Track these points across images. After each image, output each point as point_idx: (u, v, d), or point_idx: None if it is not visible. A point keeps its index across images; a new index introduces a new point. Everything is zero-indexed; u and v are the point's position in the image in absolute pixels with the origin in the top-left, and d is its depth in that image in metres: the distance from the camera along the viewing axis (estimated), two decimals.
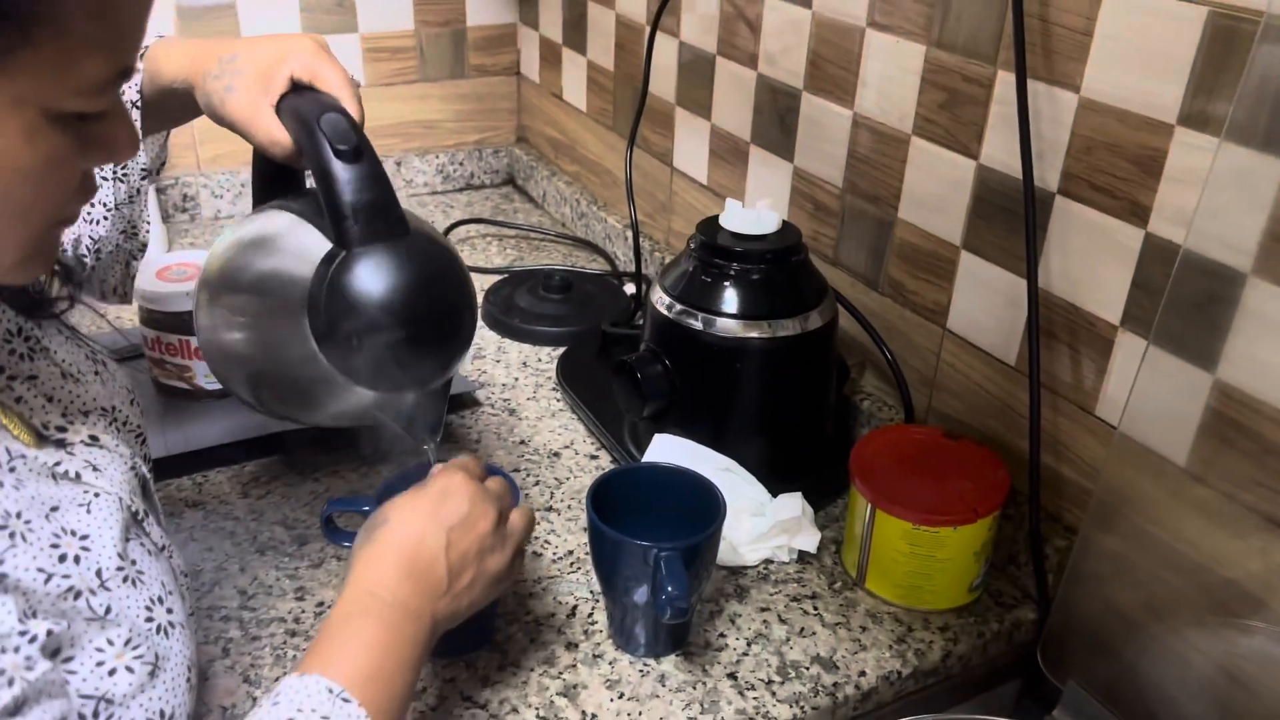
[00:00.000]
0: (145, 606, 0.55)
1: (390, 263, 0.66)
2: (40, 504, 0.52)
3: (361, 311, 0.65)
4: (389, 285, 0.66)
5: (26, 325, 0.62)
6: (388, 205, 0.67)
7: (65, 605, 0.50)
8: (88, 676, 0.50)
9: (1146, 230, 0.71)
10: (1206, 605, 0.72)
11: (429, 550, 0.62)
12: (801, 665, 0.76)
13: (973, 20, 0.81)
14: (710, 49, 1.13)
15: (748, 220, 0.87)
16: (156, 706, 0.53)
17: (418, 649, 0.60)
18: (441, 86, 1.56)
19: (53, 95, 0.46)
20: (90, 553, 0.53)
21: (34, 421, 0.57)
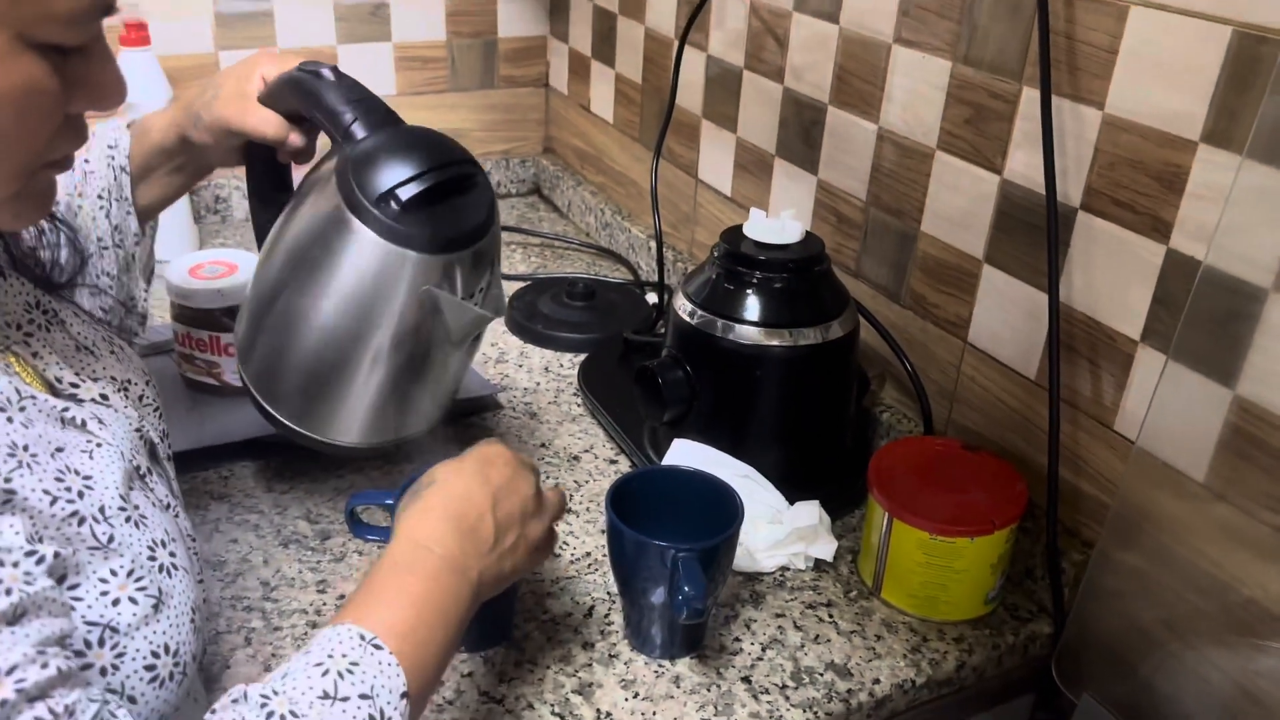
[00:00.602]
0: (148, 546, 0.56)
1: (396, 135, 0.74)
2: (47, 443, 0.53)
3: (389, 173, 0.71)
4: (404, 148, 0.73)
5: (45, 299, 0.64)
6: (376, 101, 0.75)
7: (70, 531, 0.51)
8: (93, 604, 0.51)
9: (1168, 246, 0.72)
10: (1225, 623, 0.72)
11: (476, 507, 0.64)
12: (816, 671, 0.76)
13: (999, 37, 0.82)
14: (738, 63, 1.15)
15: (771, 230, 0.88)
16: (161, 640, 0.54)
17: (460, 604, 0.60)
18: (471, 96, 1.58)
19: (27, 20, 0.46)
20: (93, 492, 0.54)
21: (47, 375, 0.59)
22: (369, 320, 0.74)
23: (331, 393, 0.77)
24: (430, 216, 0.72)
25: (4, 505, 0.48)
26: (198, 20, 1.37)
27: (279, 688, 0.51)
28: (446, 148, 0.75)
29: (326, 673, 0.52)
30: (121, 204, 0.81)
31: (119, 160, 0.81)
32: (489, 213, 0.76)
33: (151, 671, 0.53)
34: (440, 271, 0.73)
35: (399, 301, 0.73)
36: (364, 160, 0.72)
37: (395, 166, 0.71)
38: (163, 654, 0.54)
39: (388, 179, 0.71)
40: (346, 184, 0.71)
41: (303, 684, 0.51)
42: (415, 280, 0.72)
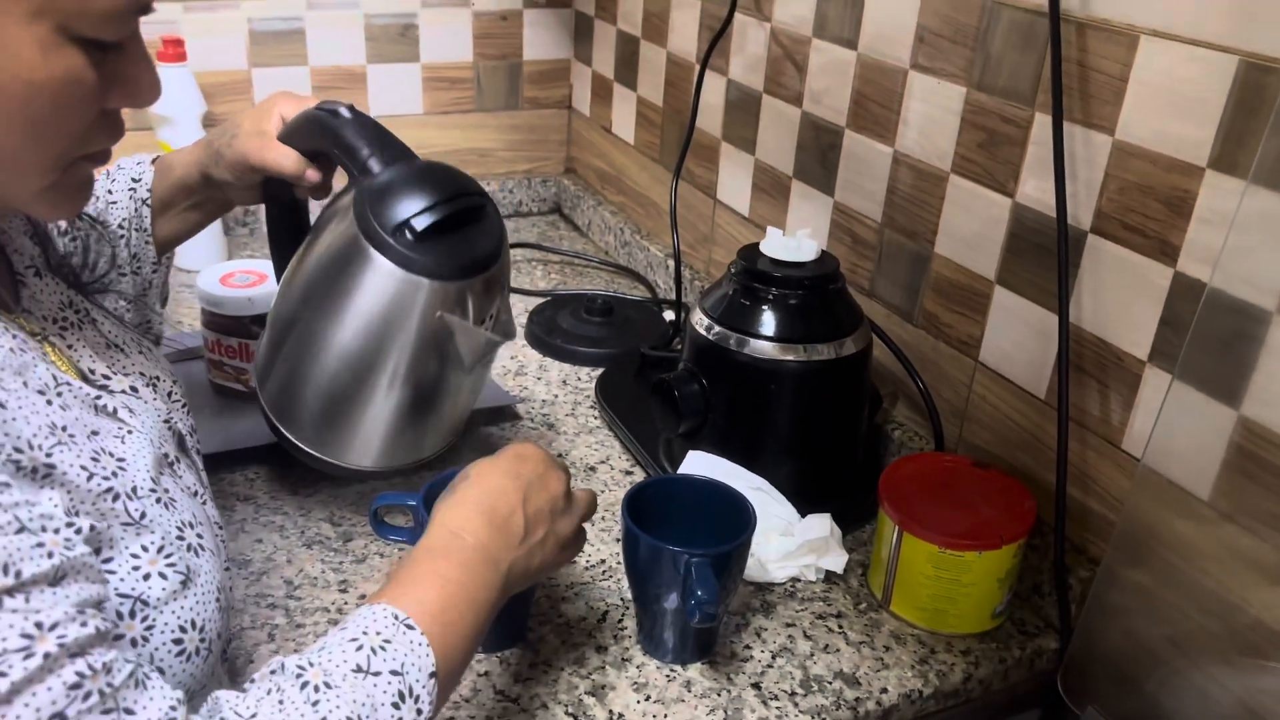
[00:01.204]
0: (177, 526, 0.58)
1: (411, 169, 0.77)
2: (83, 425, 0.55)
3: (404, 204, 0.74)
4: (418, 181, 0.76)
5: (77, 299, 0.67)
6: (392, 138, 0.78)
7: (105, 506, 0.53)
8: (125, 577, 0.53)
9: (1176, 269, 0.74)
10: (1231, 642, 0.73)
11: (508, 501, 0.66)
12: (824, 679, 0.78)
13: (1012, 64, 0.84)
14: (757, 87, 1.17)
15: (788, 248, 0.90)
16: (188, 616, 0.56)
17: (491, 593, 0.62)
18: (496, 117, 1.62)
19: (68, 13, 0.49)
20: (126, 473, 0.56)
21: (81, 365, 0.62)
22: (384, 346, 0.77)
23: (347, 417, 0.80)
24: (443, 246, 0.75)
25: (45, 479, 0.50)
26: (232, 38, 1.41)
27: (314, 659, 0.54)
28: (458, 180, 0.78)
29: (360, 648, 0.54)
30: (141, 234, 0.85)
31: (140, 193, 0.85)
32: (498, 242, 0.79)
33: (179, 645, 0.55)
34: (453, 298, 0.76)
35: (413, 327, 0.76)
36: (380, 193, 0.75)
37: (409, 199, 0.74)
38: (190, 629, 0.56)
39: (402, 211, 0.74)
40: (363, 215, 0.74)
41: (337, 657, 0.54)
42: (429, 307, 0.75)
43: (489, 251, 0.78)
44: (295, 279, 0.81)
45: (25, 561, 0.45)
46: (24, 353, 0.55)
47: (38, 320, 0.62)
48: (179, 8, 1.37)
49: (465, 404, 0.87)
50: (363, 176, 0.76)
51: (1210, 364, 0.71)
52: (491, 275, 0.78)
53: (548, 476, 0.70)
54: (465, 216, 0.77)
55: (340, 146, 0.77)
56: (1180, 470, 0.74)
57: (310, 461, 0.84)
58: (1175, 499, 0.74)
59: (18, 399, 0.51)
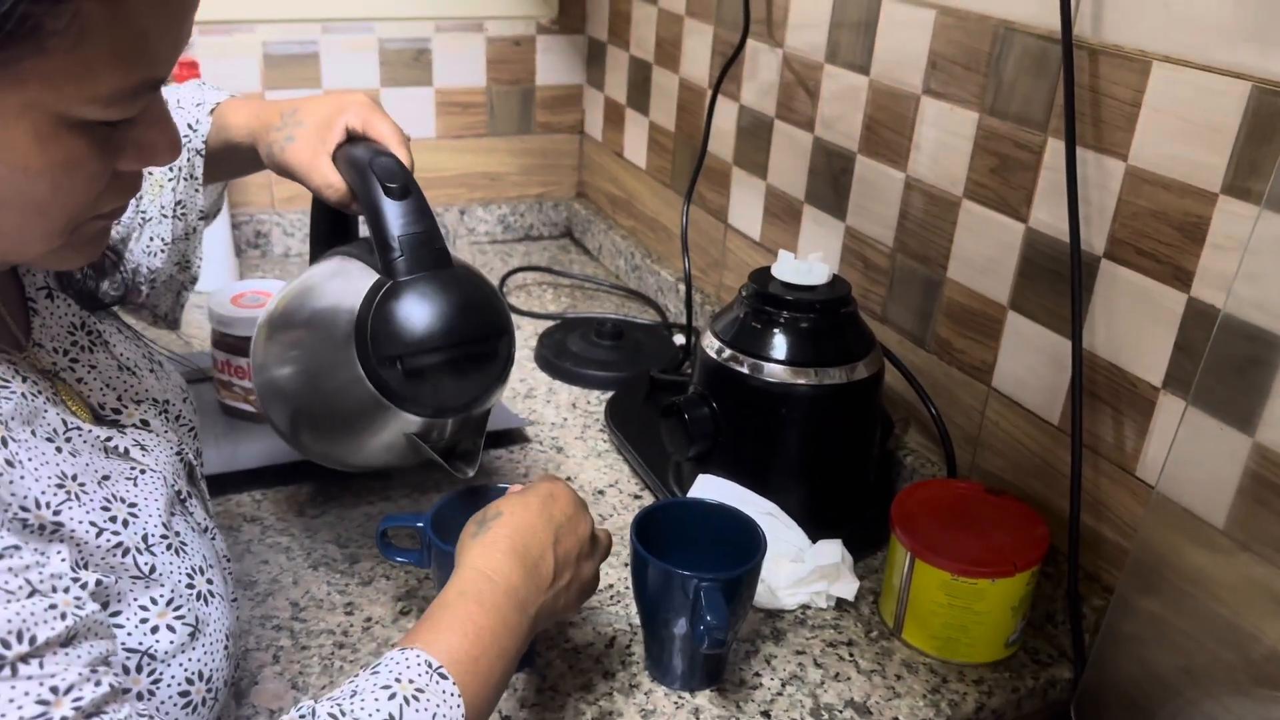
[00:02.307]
0: (187, 574, 0.57)
1: (433, 290, 0.71)
2: (94, 471, 0.55)
3: (406, 335, 0.70)
4: (432, 311, 0.70)
5: (89, 319, 0.66)
6: (431, 239, 0.72)
7: (114, 561, 0.53)
8: (133, 631, 0.53)
9: (1189, 295, 0.73)
10: (1246, 672, 0.72)
11: (539, 543, 0.66)
12: (835, 708, 0.77)
13: (1025, 90, 0.84)
14: (769, 112, 1.18)
15: (799, 271, 0.90)
16: (195, 667, 0.56)
17: (518, 639, 0.62)
18: (508, 141, 1.62)
19: (66, 103, 0.45)
20: (137, 520, 0.56)
21: (91, 401, 0.61)
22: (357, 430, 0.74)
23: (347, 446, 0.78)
24: (429, 383, 0.71)
25: (52, 535, 0.50)
26: (246, 60, 1.43)
27: (347, 707, 0.53)
28: (475, 319, 0.73)
29: (394, 696, 0.53)
30: (191, 182, 0.81)
31: (195, 143, 0.80)
32: (490, 385, 0.76)
33: (185, 698, 0.55)
34: (424, 427, 0.74)
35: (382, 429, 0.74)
36: (387, 317, 0.70)
37: (413, 331, 0.70)
38: (197, 680, 0.56)
39: (402, 341, 0.70)
40: (363, 331, 0.70)
41: (370, 705, 0.53)
42: (397, 427, 0.73)
43: (475, 395, 0.75)
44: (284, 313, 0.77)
45: (39, 626, 0.44)
46: (36, 397, 0.54)
47: (48, 353, 0.61)
48: (194, 30, 1.38)
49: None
50: (383, 275, 0.71)
51: (1224, 390, 0.70)
52: (471, 416, 0.76)
53: (577, 519, 0.69)
54: (466, 360, 0.73)
55: (375, 229, 0.72)
56: (1195, 497, 0.73)
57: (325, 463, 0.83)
58: (1190, 527, 0.74)
59: (28, 451, 0.51)
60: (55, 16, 0.42)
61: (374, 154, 0.73)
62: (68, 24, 0.43)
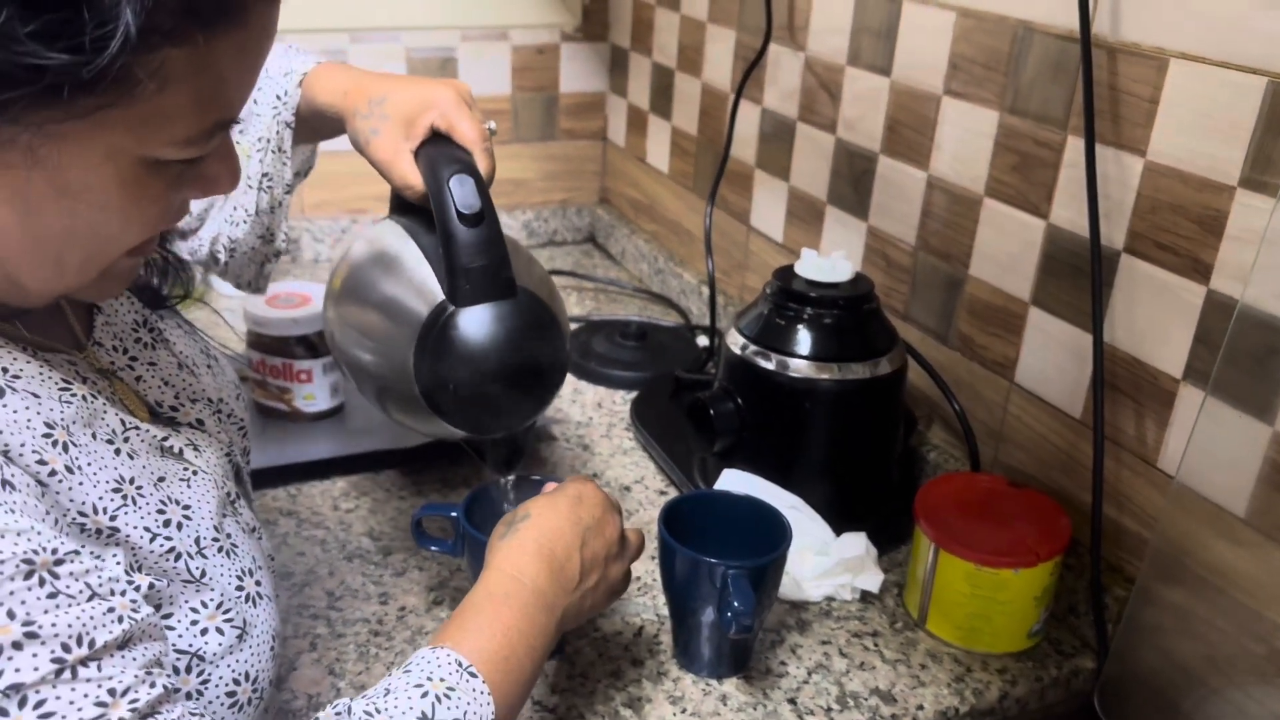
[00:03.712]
0: (237, 576, 0.59)
1: (491, 324, 0.71)
2: (150, 473, 0.56)
3: (459, 365, 0.71)
4: (486, 346, 0.71)
5: (151, 317, 0.68)
6: (500, 269, 0.72)
7: (166, 565, 0.55)
8: (183, 633, 0.55)
9: (1208, 287, 0.74)
10: (1270, 662, 0.72)
11: (565, 546, 0.67)
12: (860, 696, 0.78)
13: (1044, 88, 0.85)
14: (792, 115, 1.19)
15: (823, 268, 0.92)
16: (243, 669, 0.57)
17: (545, 639, 0.63)
18: (532, 148, 1.65)
19: (148, 146, 0.47)
20: (191, 522, 0.57)
21: (149, 399, 0.63)
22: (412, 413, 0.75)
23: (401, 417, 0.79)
24: (477, 409, 0.73)
25: (109, 539, 0.52)
26: None
27: (380, 705, 0.54)
28: (530, 351, 0.73)
29: (425, 694, 0.55)
30: (279, 155, 0.80)
31: (284, 115, 0.78)
32: (537, 411, 0.77)
33: (232, 698, 0.57)
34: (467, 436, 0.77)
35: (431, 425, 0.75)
36: (445, 345, 0.71)
37: (468, 362, 0.71)
38: (244, 681, 0.57)
39: (454, 372, 0.71)
40: (421, 351, 0.71)
41: (403, 703, 0.54)
42: (446, 430, 0.75)
43: (522, 420, 0.77)
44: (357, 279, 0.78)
45: (98, 630, 0.46)
46: (95, 399, 0.55)
47: (107, 352, 0.62)
48: None
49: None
50: (449, 298, 0.71)
51: (1244, 380, 0.71)
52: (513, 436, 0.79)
53: (605, 520, 0.70)
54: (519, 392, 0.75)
55: (446, 248, 0.71)
56: (1215, 487, 0.74)
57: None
58: (1210, 516, 0.74)
59: (88, 456, 0.52)
60: (144, 65, 0.44)
61: (454, 167, 0.71)
62: (154, 71, 0.44)
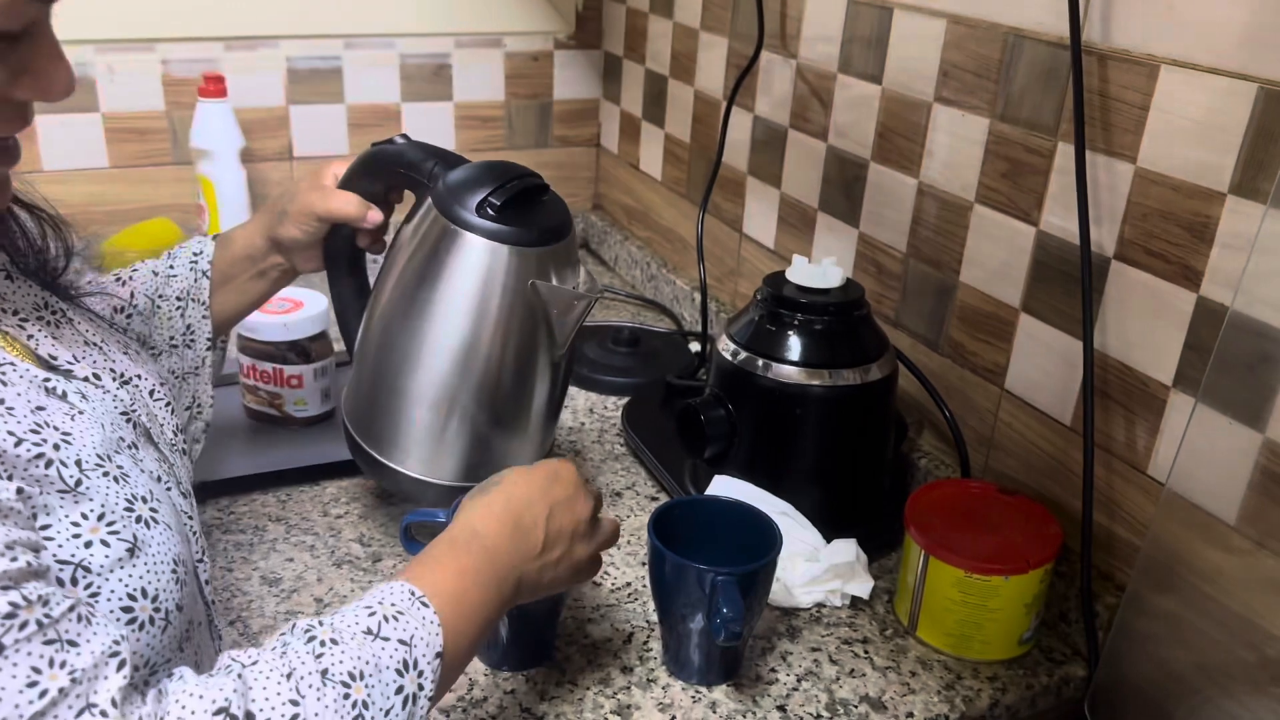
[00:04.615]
0: (127, 499, 0.56)
1: (474, 165, 0.84)
2: (26, 400, 0.54)
3: (478, 186, 0.81)
4: (482, 170, 0.83)
5: (54, 301, 0.67)
6: (448, 151, 0.86)
7: (37, 471, 0.52)
8: (64, 544, 0.52)
9: (1199, 294, 0.74)
10: (1262, 670, 0.72)
11: (532, 515, 0.68)
12: (850, 703, 0.78)
13: (1035, 96, 0.86)
14: (783, 122, 1.19)
15: (813, 274, 0.92)
16: (137, 584, 0.54)
17: (500, 596, 0.64)
18: (526, 154, 1.65)
19: None
20: (70, 446, 0.55)
21: (40, 352, 0.61)
22: (482, 327, 0.81)
23: (449, 421, 0.84)
24: (523, 217, 0.81)
25: None
26: (271, 75, 1.46)
27: (326, 620, 0.56)
28: (517, 167, 0.85)
29: (373, 614, 0.56)
30: (199, 306, 0.87)
31: (202, 265, 0.88)
32: (567, 214, 0.85)
33: (129, 613, 0.54)
34: (542, 264, 0.81)
35: (509, 301, 0.81)
36: (455, 187, 0.81)
37: (482, 184, 0.81)
38: (140, 597, 0.54)
39: (480, 192, 0.80)
40: (446, 206, 0.81)
41: (349, 619, 0.56)
42: (522, 276, 0.80)
43: (564, 221, 0.84)
44: (380, 302, 0.85)
45: None
46: None
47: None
48: (220, 46, 1.42)
49: (549, 417, 0.90)
50: (432, 182, 0.83)
51: (1234, 387, 0.71)
52: (569, 241, 0.84)
53: (575, 499, 0.71)
54: (534, 193, 0.83)
55: (405, 165, 0.85)
56: (1206, 494, 0.74)
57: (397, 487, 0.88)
58: (1201, 523, 0.74)
59: None
60: None
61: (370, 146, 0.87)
62: None
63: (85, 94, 1.37)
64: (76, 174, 1.40)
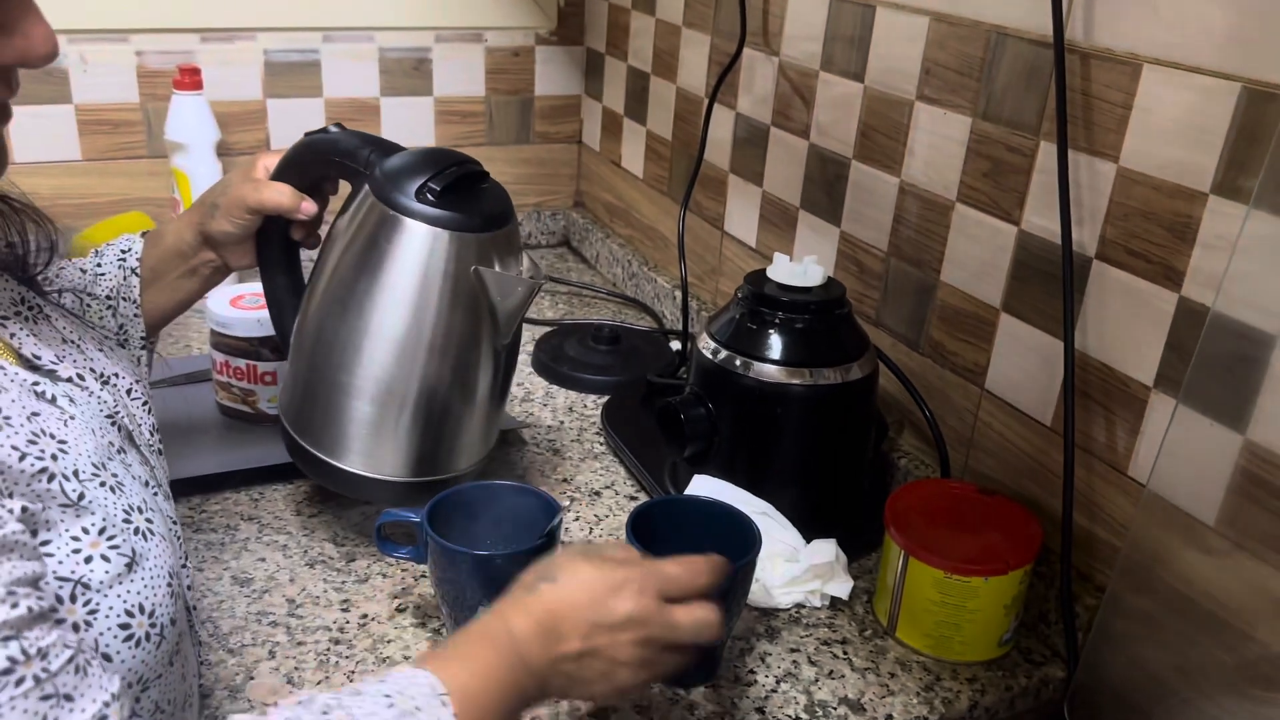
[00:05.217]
0: (124, 510, 0.56)
1: (412, 152, 0.83)
2: (21, 407, 0.53)
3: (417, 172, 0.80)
4: (419, 156, 0.82)
5: (31, 297, 0.66)
6: (383, 139, 0.86)
7: (39, 487, 0.51)
8: (64, 560, 0.51)
9: (1180, 294, 0.74)
10: (1239, 672, 0.72)
11: (570, 627, 0.60)
12: (829, 705, 0.77)
13: (1017, 94, 0.85)
14: (765, 120, 1.19)
15: (794, 273, 0.91)
16: (135, 600, 0.54)
17: (520, 701, 0.59)
18: (506, 150, 1.64)
19: None
20: (68, 455, 0.54)
21: (23, 352, 0.60)
22: (425, 313, 0.80)
23: (389, 415, 0.82)
24: (463, 203, 0.80)
25: None
26: (248, 69, 1.44)
27: (345, 701, 0.52)
28: (455, 154, 0.84)
29: (392, 705, 0.52)
30: (129, 304, 0.85)
31: (130, 263, 0.86)
32: (508, 201, 0.85)
33: (126, 630, 0.53)
34: (484, 250, 0.81)
35: (451, 286, 0.80)
36: (393, 173, 0.81)
37: (421, 170, 0.80)
38: (137, 613, 0.54)
39: (419, 178, 0.80)
40: (385, 193, 0.80)
41: (368, 706, 0.52)
42: (463, 261, 0.79)
43: (505, 208, 0.84)
44: (316, 295, 0.83)
45: None
46: None
47: None
48: (196, 38, 1.40)
49: (494, 409, 0.89)
50: (368, 170, 0.82)
51: (1215, 388, 0.71)
52: (511, 228, 0.84)
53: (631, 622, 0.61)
54: (473, 179, 0.83)
55: (340, 153, 0.84)
56: (1186, 496, 0.74)
57: (341, 486, 0.86)
58: (1181, 525, 0.74)
59: None
60: None
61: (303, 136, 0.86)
62: None
63: (58, 85, 1.35)
64: (48, 166, 1.37)
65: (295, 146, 0.86)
